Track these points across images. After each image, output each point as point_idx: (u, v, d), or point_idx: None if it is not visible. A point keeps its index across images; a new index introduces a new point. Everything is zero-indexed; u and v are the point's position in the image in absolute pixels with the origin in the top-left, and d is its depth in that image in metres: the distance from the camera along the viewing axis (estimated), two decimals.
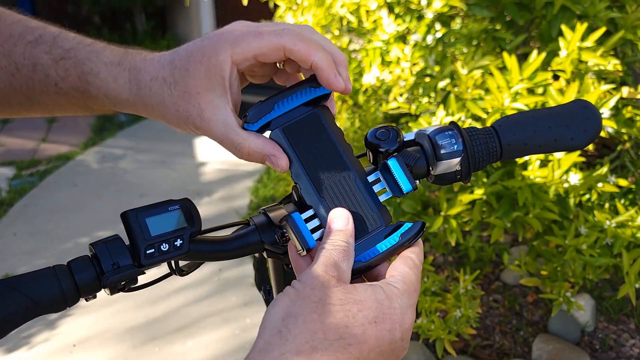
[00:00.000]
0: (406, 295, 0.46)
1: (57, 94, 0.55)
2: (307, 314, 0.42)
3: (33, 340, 2.32)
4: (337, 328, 0.42)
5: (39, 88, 0.55)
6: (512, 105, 1.32)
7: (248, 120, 0.52)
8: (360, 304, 0.43)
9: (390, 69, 1.72)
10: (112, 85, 0.53)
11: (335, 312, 0.42)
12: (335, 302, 0.43)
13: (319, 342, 0.41)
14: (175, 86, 0.51)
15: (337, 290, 0.44)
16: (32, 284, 0.46)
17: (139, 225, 0.50)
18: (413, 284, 0.48)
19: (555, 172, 1.34)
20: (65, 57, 0.54)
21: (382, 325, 0.43)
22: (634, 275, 1.34)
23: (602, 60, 1.31)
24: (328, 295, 0.43)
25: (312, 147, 0.53)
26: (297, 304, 0.43)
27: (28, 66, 0.54)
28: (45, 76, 0.54)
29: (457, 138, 0.58)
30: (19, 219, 3.38)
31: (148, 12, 5.91)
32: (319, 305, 0.43)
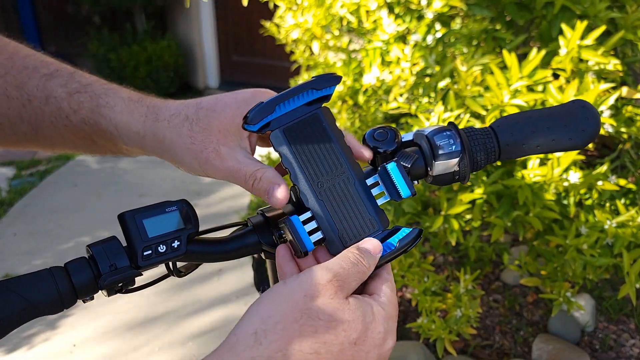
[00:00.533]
0: (391, 320, 0.47)
1: (66, 127, 0.56)
2: (289, 322, 0.41)
3: (33, 340, 2.32)
4: (315, 343, 0.41)
5: (48, 120, 0.56)
6: (511, 102, 1.32)
7: (249, 121, 0.52)
8: (347, 324, 0.43)
9: (390, 69, 1.72)
10: (127, 117, 0.54)
11: (318, 327, 0.42)
12: (322, 317, 0.42)
13: (292, 353, 0.40)
14: (198, 122, 0.53)
15: (329, 305, 0.43)
16: (29, 286, 0.46)
17: (136, 227, 0.50)
18: (395, 308, 0.49)
19: (555, 170, 1.34)
20: (82, 91, 0.56)
21: (361, 347, 0.43)
22: (635, 275, 1.33)
23: (602, 59, 1.31)
24: (317, 308, 0.42)
25: (311, 148, 0.53)
26: (282, 307, 0.42)
27: (41, 98, 0.56)
28: (57, 108, 0.56)
29: (455, 138, 0.57)
30: (19, 219, 3.38)
31: (148, 12, 5.89)
32: (304, 315, 0.42)
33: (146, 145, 0.55)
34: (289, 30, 2.24)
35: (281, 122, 0.52)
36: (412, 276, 1.57)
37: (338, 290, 0.44)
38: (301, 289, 0.43)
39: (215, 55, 5.96)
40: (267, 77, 5.73)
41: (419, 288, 1.56)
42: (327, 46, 2.19)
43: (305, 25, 2.11)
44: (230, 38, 5.93)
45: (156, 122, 0.54)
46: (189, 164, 0.53)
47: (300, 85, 0.53)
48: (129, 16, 6.00)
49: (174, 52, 5.62)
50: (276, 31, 2.38)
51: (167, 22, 6.23)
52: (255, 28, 3.75)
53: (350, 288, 0.46)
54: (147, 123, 0.54)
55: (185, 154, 0.53)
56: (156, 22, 5.97)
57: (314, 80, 0.54)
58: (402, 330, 2.21)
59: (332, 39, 2.17)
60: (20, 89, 0.56)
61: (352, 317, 0.43)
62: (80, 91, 0.56)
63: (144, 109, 0.55)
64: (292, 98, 0.53)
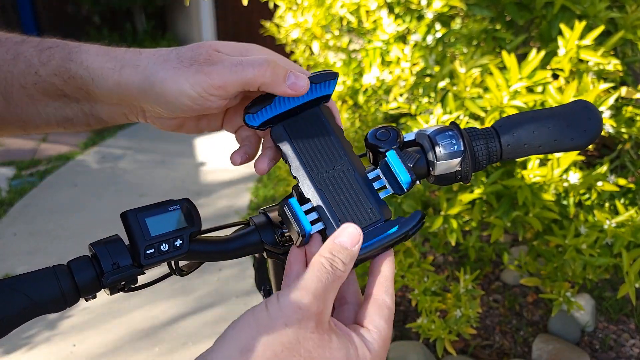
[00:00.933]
0: (377, 357, 0.44)
1: (35, 85, 0.52)
2: (269, 356, 0.39)
3: (34, 339, 2.32)
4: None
5: (17, 83, 0.52)
6: (511, 103, 1.32)
7: (250, 117, 0.53)
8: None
9: (390, 69, 1.72)
10: (102, 58, 0.51)
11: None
12: (302, 352, 0.40)
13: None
14: (187, 50, 0.50)
15: (309, 340, 0.40)
16: (31, 284, 0.46)
17: (138, 225, 0.50)
18: (386, 340, 0.45)
19: (555, 170, 1.34)
20: (53, 46, 0.52)
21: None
22: (634, 274, 1.33)
23: (602, 59, 1.31)
24: (298, 342, 0.40)
25: (312, 142, 0.53)
26: (263, 340, 0.40)
27: (10, 61, 0.52)
28: (26, 66, 0.51)
29: (458, 138, 0.58)
30: (19, 219, 3.38)
31: (148, 12, 5.90)
32: (285, 350, 0.39)
33: (122, 82, 0.49)
34: (289, 30, 2.24)
35: (282, 117, 0.53)
36: (412, 276, 1.57)
37: (319, 322, 0.41)
38: (282, 316, 0.40)
39: None
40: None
41: (418, 288, 1.56)
42: (327, 46, 2.19)
43: (305, 25, 2.12)
44: (230, 38, 5.93)
45: (138, 55, 0.50)
46: (177, 89, 0.48)
47: None
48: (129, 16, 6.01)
49: None
50: (276, 31, 2.38)
51: (167, 22, 6.23)
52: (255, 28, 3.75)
53: (328, 304, 0.43)
54: (127, 56, 0.50)
55: (171, 76, 0.48)
56: (156, 22, 5.97)
57: (313, 76, 0.54)
58: (402, 330, 2.21)
59: (332, 39, 2.17)
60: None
61: (334, 355, 0.41)
62: (52, 47, 0.52)
63: (123, 50, 0.52)
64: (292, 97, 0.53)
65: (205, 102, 0.49)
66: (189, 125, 0.58)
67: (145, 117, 0.55)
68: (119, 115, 0.55)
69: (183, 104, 0.49)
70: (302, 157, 0.53)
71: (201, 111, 0.50)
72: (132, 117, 0.56)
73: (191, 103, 0.49)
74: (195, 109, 0.49)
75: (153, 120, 0.55)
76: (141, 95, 0.50)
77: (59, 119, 0.55)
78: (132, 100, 0.51)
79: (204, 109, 0.50)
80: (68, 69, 0.51)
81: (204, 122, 0.58)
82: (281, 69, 0.49)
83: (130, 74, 0.49)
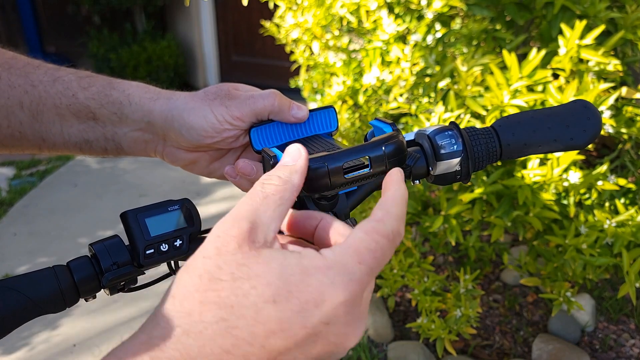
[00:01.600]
0: (337, 270, 0.36)
1: (69, 106, 0.58)
2: (189, 293, 0.35)
3: (33, 339, 2.32)
4: (217, 309, 0.34)
5: (51, 102, 0.58)
6: (511, 102, 1.32)
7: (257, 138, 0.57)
8: (255, 280, 0.35)
9: (391, 69, 1.72)
10: (142, 88, 0.60)
11: (220, 289, 0.35)
12: (223, 276, 0.35)
13: (192, 325, 0.34)
14: (209, 88, 0.60)
15: (231, 262, 0.35)
16: (31, 284, 0.46)
17: (138, 226, 0.50)
18: (363, 253, 0.37)
19: (555, 170, 1.34)
20: (91, 76, 0.60)
21: (284, 305, 0.34)
22: (634, 274, 1.33)
23: (602, 59, 1.31)
24: (218, 267, 0.35)
25: (311, 145, 0.55)
26: (182, 281, 0.36)
27: (47, 82, 0.58)
28: (64, 88, 0.59)
29: (457, 138, 0.58)
30: (19, 219, 3.38)
31: (148, 12, 5.90)
32: (203, 280, 0.35)
33: (155, 109, 0.58)
34: (289, 30, 2.24)
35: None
36: (412, 276, 1.58)
37: (243, 241, 0.36)
38: (200, 251, 0.37)
39: (215, 55, 5.96)
40: (267, 77, 5.74)
41: (419, 288, 1.56)
42: (327, 46, 2.19)
43: (305, 25, 2.12)
44: (230, 38, 5.93)
45: (172, 92, 0.60)
46: (202, 116, 0.57)
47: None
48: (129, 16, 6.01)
49: (174, 52, 5.62)
50: (276, 31, 2.38)
51: (167, 22, 6.23)
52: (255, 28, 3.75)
53: (264, 222, 0.38)
54: (163, 91, 0.60)
55: (199, 106, 0.57)
56: (156, 22, 5.97)
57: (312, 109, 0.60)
58: (402, 330, 2.21)
59: (332, 39, 2.17)
60: (26, 77, 0.58)
61: (261, 270, 0.35)
62: (91, 76, 0.60)
63: (159, 88, 0.61)
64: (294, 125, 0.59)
65: (223, 131, 0.57)
66: (201, 163, 0.64)
67: (163, 148, 0.62)
68: (139, 143, 0.61)
69: (204, 130, 0.57)
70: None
71: (218, 140, 0.58)
72: (150, 148, 0.62)
73: (211, 130, 0.57)
74: (213, 136, 0.57)
75: (169, 154, 0.62)
76: (168, 121, 0.58)
77: (79, 141, 0.61)
78: (158, 127, 0.59)
79: (220, 138, 0.58)
80: (109, 95, 0.59)
81: (215, 164, 0.65)
82: (286, 100, 0.58)
83: (164, 103, 0.58)
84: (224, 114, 0.56)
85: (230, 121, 0.57)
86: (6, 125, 0.58)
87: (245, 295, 0.34)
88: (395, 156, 0.49)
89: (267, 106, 0.57)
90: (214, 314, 0.34)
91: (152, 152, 0.63)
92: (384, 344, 2.15)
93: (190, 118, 0.57)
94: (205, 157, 0.63)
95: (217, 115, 0.56)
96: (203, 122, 0.56)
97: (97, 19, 6.31)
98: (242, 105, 0.57)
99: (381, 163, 0.48)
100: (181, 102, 0.58)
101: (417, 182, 0.59)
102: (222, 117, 0.56)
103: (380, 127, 0.55)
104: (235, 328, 0.34)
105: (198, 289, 0.35)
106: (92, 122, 0.60)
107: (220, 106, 0.57)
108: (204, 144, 0.58)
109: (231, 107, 0.57)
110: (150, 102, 0.58)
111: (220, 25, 5.86)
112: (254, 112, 0.57)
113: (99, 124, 0.60)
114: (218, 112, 0.56)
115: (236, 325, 0.34)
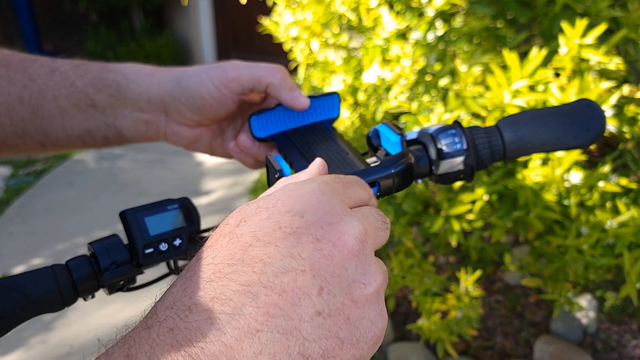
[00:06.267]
0: (301, 177, 0.40)
1: (68, 97, 0.58)
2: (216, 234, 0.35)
3: (31, 340, 2.31)
4: (201, 254, 0.34)
5: (50, 94, 0.57)
6: (512, 102, 1.31)
7: (257, 124, 0.56)
8: (228, 219, 0.35)
9: (391, 66, 1.72)
10: (138, 67, 0.59)
11: (208, 246, 0.34)
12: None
13: (181, 276, 0.33)
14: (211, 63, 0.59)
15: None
16: (30, 283, 0.46)
17: (137, 225, 0.50)
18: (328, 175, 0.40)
19: (556, 170, 1.33)
20: (86, 63, 0.60)
21: (254, 219, 0.33)
22: (635, 275, 1.33)
23: (604, 58, 1.30)
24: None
25: (315, 145, 0.54)
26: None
27: (45, 75, 0.58)
28: (62, 79, 0.58)
29: (460, 137, 0.57)
30: (16, 218, 3.36)
31: (146, 9, 5.89)
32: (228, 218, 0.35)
33: (154, 83, 0.57)
34: (287, 28, 2.23)
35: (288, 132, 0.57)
36: (412, 277, 1.57)
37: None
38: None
39: (213, 52, 5.96)
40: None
41: (419, 289, 1.55)
42: (327, 44, 2.18)
43: (304, 23, 2.11)
44: (228, 35, 5.93)
45: (171, 68, 0.59)
46: (198, 81, 0.56)
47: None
48: (126, 14, 6.00)
49: (172, 49, 5.61)
50: (275, 29, 2.37)
51: (165, 19, 6.22)
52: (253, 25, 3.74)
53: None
54: (160, 68, 0.59)
55: (195, 72, 0.56)
56: (154, 20, 5.96)
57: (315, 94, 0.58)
58: (402, 331, 2.20)
59: (332, 37, 2.16)
60: (23, 72, 0.58)
61: (235, 211, 0.35)
62: (86, 63, 0.60)
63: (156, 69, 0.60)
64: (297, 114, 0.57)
65: (221, 96, 0.56)
66: (203, 141, 0.62)
67: (165, 127, 0.60)
68: (140, 125, 0.60)
69: (200, 96, 0.56)
70: (298, 146, 0.53)
71: (215, 106, 0.56)
72: (152, 130, 0.61)
73: (208, 96, 0.55)
74: (211, 103, 0.56)
75: (171, 133, 0.61)
76: (168, 93, 0.57)
77: (81, 131, 0.60)
78: (158, 102, 0.58)
79: (217, 103, 0.56)
80: (105, 79, 0.58)
81: (217, 141, 0.63)
82: (291, 80, 0.56)
83: (163, 75, 0.57)
84: (219, 77, 0.55)
85: (226, 84, 0.55)
86: (8, 123, 0.58)
87: (221, 232, 0.34)
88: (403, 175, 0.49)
89: (268, 76, 0.55)
90: (196, 258, 0.33)
91: (154, 134, 0.62)
92: (384, 345, 2.14)
93: (189, 84, 0.56)
94: (207, 133, 0.62)
95: (212, 79, 0.55)
96: (200, 86, 0.55)
97: (94, 17, 6.31)
98: (241, 68, 0.56)
99: (390, 185, 0.48)
100: (179, 72, 0.57)
101: (419, 181, 0.59)
102: (217, 80, 0.55)
103: (387, 136, 0.53)
104: (214, 258, 0.32)
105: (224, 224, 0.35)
106: (92, 110, 0.59)
107: (217, 69, 0.56)
108: (205, 114, 0.57)
109: (228, 69, 0.55)
110: (148, 77, 0.58)
111: (219, 22, 5.86)
112: (252, 77, 0.55)
113: (99, 110, 0.59)
114: (214, 75, 0.55)
115: (215, 256, 0.32)
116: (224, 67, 0.56)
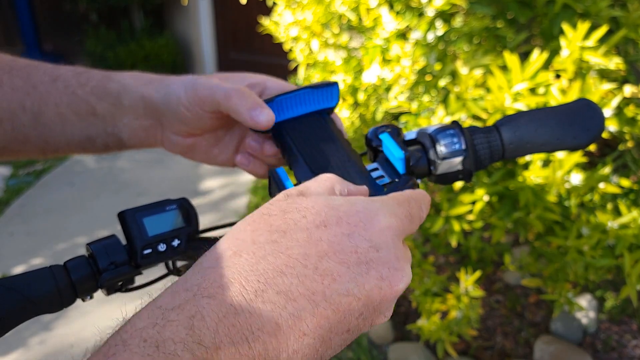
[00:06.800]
0: (380, 202, 0.40)
1: (69, 105, 0.58)
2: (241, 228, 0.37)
3: (30, 340, 2.31)
4: (269, 233, 0.36)
5: (52, 102, 0.58)
6: (513, 105, 1.31)
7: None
8: (305, 210, 0.37)
9: (391, 66, 1.71)
10: (137, 77, 0.59)
11: (271, 221, 0.37)
12: (274, 211, 0.38)
13: (244, 247, 0.35)
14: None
15: (281, 200, 0.39)
16: (28, 284, 0.46)
17: (136, 225, 0.50)
18: (400, 199, 0.42)
19: (557, 172, 1.33)
20: (88, 71, 0.60)
21: (334, 229, 0.36)
22: (635, 276, 1.33)
23: (604, 59, 1.30)
24: (267, 208, 0.38)
25: (311, 139, 0.54)
26: (235, 226, 0.39)
27: (47, 82, 0.58)
28: (64, 86, 0.58)
29: (459, 137, 0.57)
30: (16, 218, 3.36)
31: (146, 9, 5.89)
32: (254, 217, 0.38)
33: (147, 93, 0.57)
34: (287, 28, 2.23)
35: (285, 123, 0.55)
36: (412, 277, 1.56)
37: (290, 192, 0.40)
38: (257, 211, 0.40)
39: (213, 52, 5.95)
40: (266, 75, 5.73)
41: (419, 289, 1.55)
42: (327, 44, 2.18)
43: (304, 23, 2.11)
44: (228, 35, 5.92)
45: (168, 76, 0.60)
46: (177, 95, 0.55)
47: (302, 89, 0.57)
48: (126, 14, 6.00)
49: (172, 50, 5.61)
50: (275, 29, 2.37)
51: (164, 19, 6.22)
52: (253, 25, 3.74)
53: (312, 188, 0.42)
54: (155, 76, 0.59)
55: (178, 85, 0.55)
56: (154, 20, 5.96)
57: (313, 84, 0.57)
58: (402, 331, 2.20)
59: (332, 37, 2.16)
60: (26, 79, 0.58)
61: (310, 204, 0.38)
62: (88, 71, 0.60)
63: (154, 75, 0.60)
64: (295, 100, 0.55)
65: (196, 114, 0.55)
66: (199, 149, 0.62)
67: (162, 135, 0.60)
68: (139, 132, 0.60)
69: (180, 112, 0.55)
70: (300, 151, 0.53)
71: (198, 122, 0.56)
72: (150, 137, 0.61)
73: (186, 111, 0.55)
74: (191, 118, 0.55)
75: (167, 140, 0.61)
76: (160, 102, 0.56)
77: (82, 138, 0.60)
78: (154, 110, 0.58)
79: (199, 120, 0.56)
80: (106, 88, 0.58)
81: (215, 150, 0.63)
82: (250, 100, 0.52)
83: (156, 87, 0.57)
84: (192, 96, 0.54)
85: (197, 103, 0.54)
86: (10, 128, 0.58)
87: (296, 222, 0.36)
88: None
89: (224, 101, 0.52)
90: (266, 237, 0.36)
91: (153, 141, 0.62)
92: (384, 346, 2.14)
93: (169, 98, 0.56)
94: (202, 142, 0.61)
95: (187, 96, 0.54)
96: (177, 101, 0.55)
97: (94, 17, 6.30)
98: (209, 88, 0.53)
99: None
100: (168, 83, 0.57)
101: (418, 182, 0.59)
102: (190, 99, 0.54)
103: (391, 151, 0.53)
104: (288, 249, 0.35)
105: (250, 223, 0.37)
106: (93, 118, 0.59)
107: (191, 87, 0.54)
108: (191, 126, 0.57)
109: (199, 88, 0.53)
110: (144, 86, 0.58)
111: (219, 22, 5.85)
112: (213, 101, 0.53)
113: (100, 118, 0.59)
114: (189, 92, 0.54)
115: (289, 246, 0.35)
116: (197, 85, 0.54)
